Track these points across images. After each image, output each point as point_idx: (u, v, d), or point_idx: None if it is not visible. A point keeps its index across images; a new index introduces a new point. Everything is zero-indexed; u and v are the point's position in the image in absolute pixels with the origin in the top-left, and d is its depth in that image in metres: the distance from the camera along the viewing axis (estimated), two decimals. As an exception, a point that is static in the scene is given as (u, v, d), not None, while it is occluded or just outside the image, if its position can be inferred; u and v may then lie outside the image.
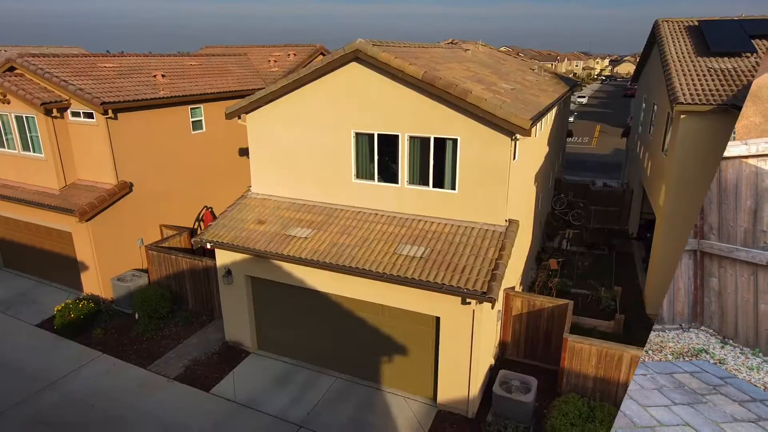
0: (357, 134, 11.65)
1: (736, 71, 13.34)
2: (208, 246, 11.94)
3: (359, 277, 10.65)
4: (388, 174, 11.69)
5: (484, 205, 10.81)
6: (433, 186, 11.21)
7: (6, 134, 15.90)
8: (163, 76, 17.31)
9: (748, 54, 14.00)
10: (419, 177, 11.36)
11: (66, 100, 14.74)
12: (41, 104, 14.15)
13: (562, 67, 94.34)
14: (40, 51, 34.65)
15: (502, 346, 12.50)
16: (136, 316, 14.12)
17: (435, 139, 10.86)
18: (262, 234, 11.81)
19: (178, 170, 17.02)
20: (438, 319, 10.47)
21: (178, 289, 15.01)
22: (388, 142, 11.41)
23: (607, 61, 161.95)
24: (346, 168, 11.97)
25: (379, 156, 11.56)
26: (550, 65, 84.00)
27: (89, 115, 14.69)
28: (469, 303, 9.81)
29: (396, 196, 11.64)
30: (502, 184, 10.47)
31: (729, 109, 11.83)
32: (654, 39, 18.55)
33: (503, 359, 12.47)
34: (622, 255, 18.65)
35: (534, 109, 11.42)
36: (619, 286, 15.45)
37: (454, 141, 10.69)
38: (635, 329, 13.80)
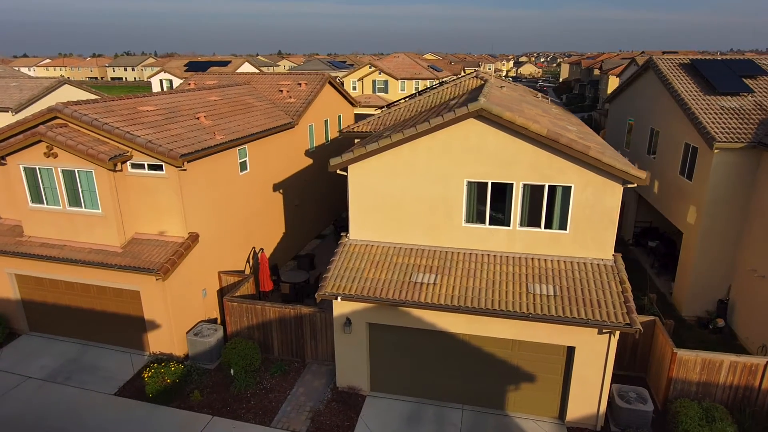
0: (469, 182, 12.55)
1: (742, 109, 16.09)
2: (339, 299, 12.14)
3: (493, 317, 11.63)
4: (498, 217, 12.73)
5: (592, 243, 12.27)
6: (545, 227, 12.46)
7: (46, 189, 14.56)
8: (205, 117, 16.78)
9: (745, 93, 16.88)
10: (529, 219, 12.54)
11: (128, 153, 13.90)
12: (109, 159, 13.27)
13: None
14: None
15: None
16: (231, 371, 13.79)
17: (549, 186, 12.12)
18: (387, 282, 12.28)
19: (229, 214, 16.62)
20: (569, 347, 11.77)
21: (262, 339, 14.82)
22: (500, 189, 12.46)
23: (511, 63, 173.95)
24: (456, 213, 12.81)
25: (491, 202, 12.56)
26: (473, 71, 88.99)
27: (157, 167, 14.00)
28: (606, 332, 11.22)
29: (507, 237, 12.72)
30: (612, 224, 11.99)
31: (757, 146, 14.39)
32: (643, 71, 21.29)
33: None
34: (630, 261, 21.22)
35: (620, 155, 13.09)
36: (653, 293, 17.80)
37: (568, 188, 12.02)
38: (679, 331, 16.14)
